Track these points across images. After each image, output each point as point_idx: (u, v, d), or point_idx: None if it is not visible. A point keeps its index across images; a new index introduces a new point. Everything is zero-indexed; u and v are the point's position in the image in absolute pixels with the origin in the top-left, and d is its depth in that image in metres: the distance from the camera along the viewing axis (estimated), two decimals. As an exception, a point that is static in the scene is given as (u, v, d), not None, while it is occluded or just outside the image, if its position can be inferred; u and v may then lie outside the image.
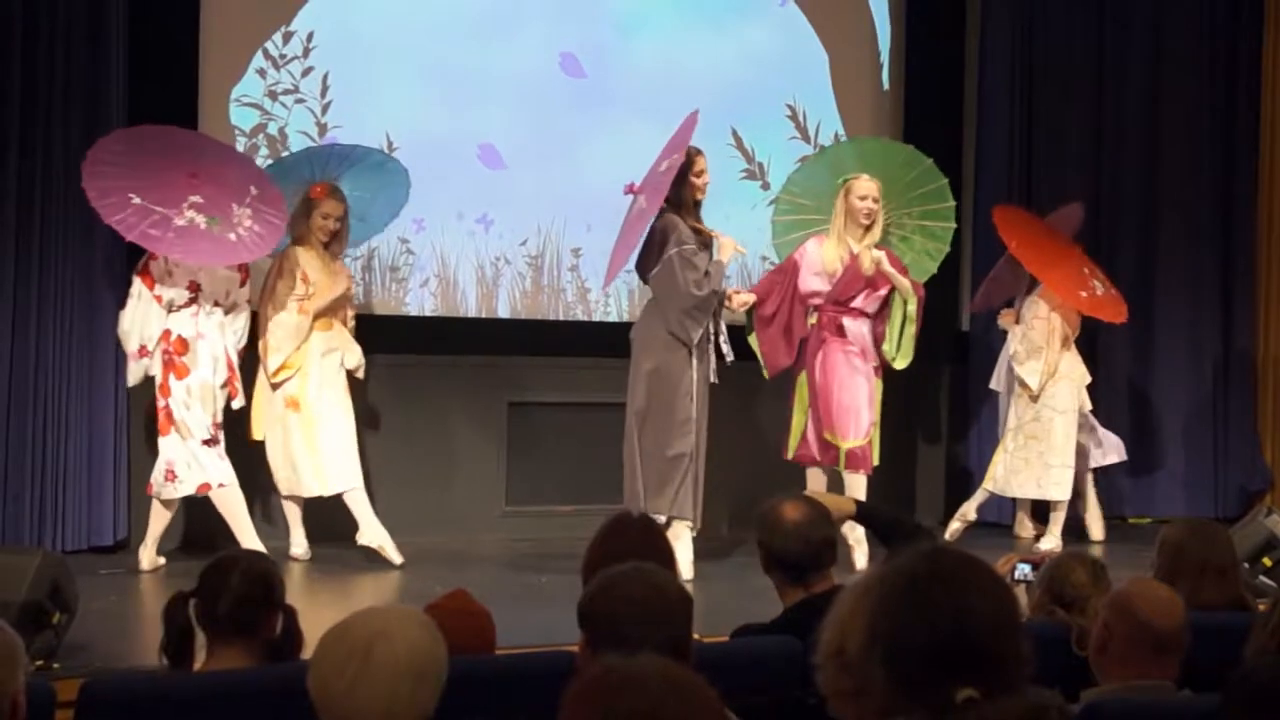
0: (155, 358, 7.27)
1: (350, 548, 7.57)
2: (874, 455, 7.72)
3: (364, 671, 2.58)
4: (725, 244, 7.46)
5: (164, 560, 7.36)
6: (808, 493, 6.76)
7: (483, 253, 8.69)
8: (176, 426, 7.22)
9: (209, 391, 7.28)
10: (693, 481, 7.25)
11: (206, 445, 7.25)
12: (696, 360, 7.28)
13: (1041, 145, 9.54)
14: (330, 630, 2.69)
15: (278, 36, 8.32)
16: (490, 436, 8.67)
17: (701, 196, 7.42)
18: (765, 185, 9.23)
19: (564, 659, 3.47)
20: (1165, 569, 4.26)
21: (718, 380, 7.38)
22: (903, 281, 7.67)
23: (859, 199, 7.68)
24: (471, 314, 8.75)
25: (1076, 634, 3.87)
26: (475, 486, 8.57)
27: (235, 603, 3.53)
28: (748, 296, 7.76)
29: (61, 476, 7.51)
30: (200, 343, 7.29)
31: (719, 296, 7.37)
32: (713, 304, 7.33)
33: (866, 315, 7.73)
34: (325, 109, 8.37)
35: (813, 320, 7.78)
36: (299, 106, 8.34)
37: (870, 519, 4.86)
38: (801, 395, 7.80)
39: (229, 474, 7.32)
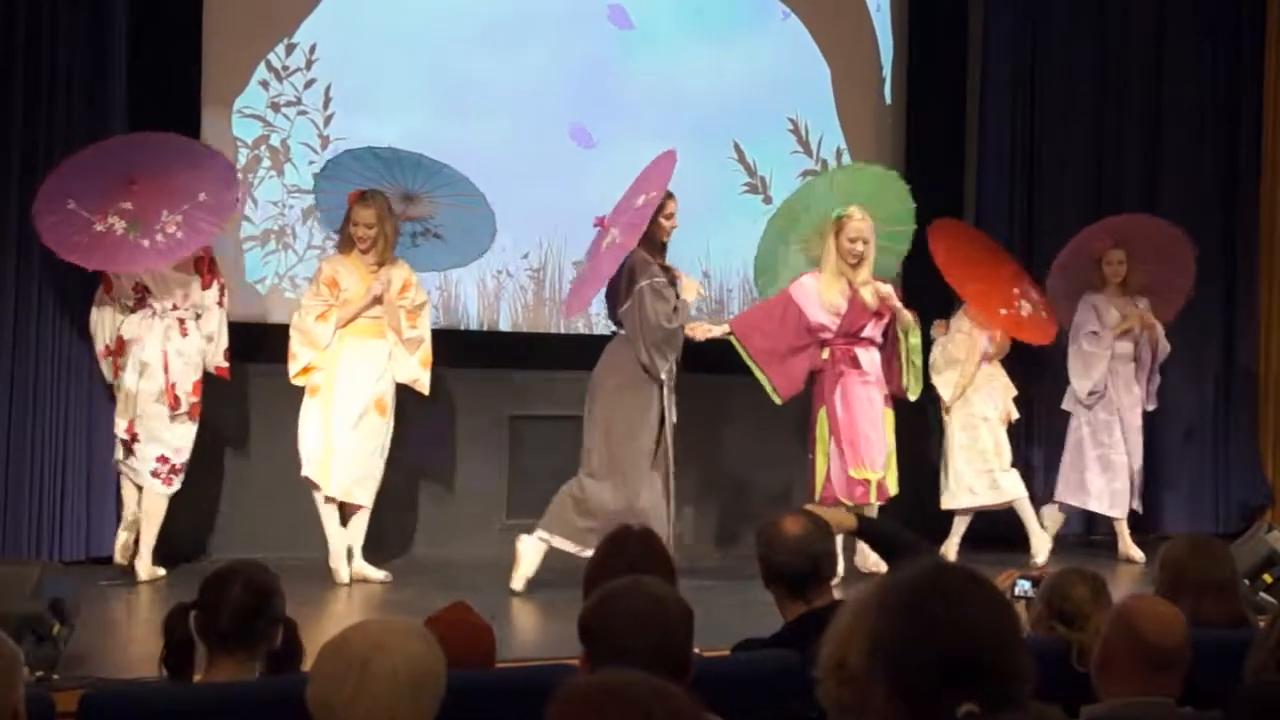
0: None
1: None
2: (892, 484, 7.77)
3: (363, 685, 2.57)
4: (688, 285, 7.56)
5: (163, 571, 7.37)
6: (808, 507, 6.78)
7: (484, 266, 8.68)
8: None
9: (128, 396, 7.30)
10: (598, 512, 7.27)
11: (124, 446, 7.32)
12: (666, 395, 7.36)
13: (1043, 158, 9.55)
14: (327, 644, 2.68)
15: (280, 48, 8.34)
16: (491, 449, 8.66)
17: (667, 239, 7.51)
18: (767, 199, 9.23)
19: (565, 673, 3.46)
20: (1166, 585, 4.26)
21: (675, 419, 7.43)
22: (905, 314, 7.75)
23: (849, 241, 7.71)
24: (473, 327, 8.75)
25: (1077, 650, 3.87)
26: (476, 499, 8.57)
27: (235, 615, 3.52)
28: (714, 329, 7.75)
29: (61, 488, 7.52)
30: (134, 346, 7.31)
31: (681, 335, 7.44)
32: (681, 338, 7.40)
33: (876, 344, 7.79)
34: (328, 121, 8.38)
35: (825, 354, 7.80)
36: (301, 118, 8.35)
37: (872, 534, 4.86)
38: (822, 434, 7.78)
39: (148, 481, 7.31)
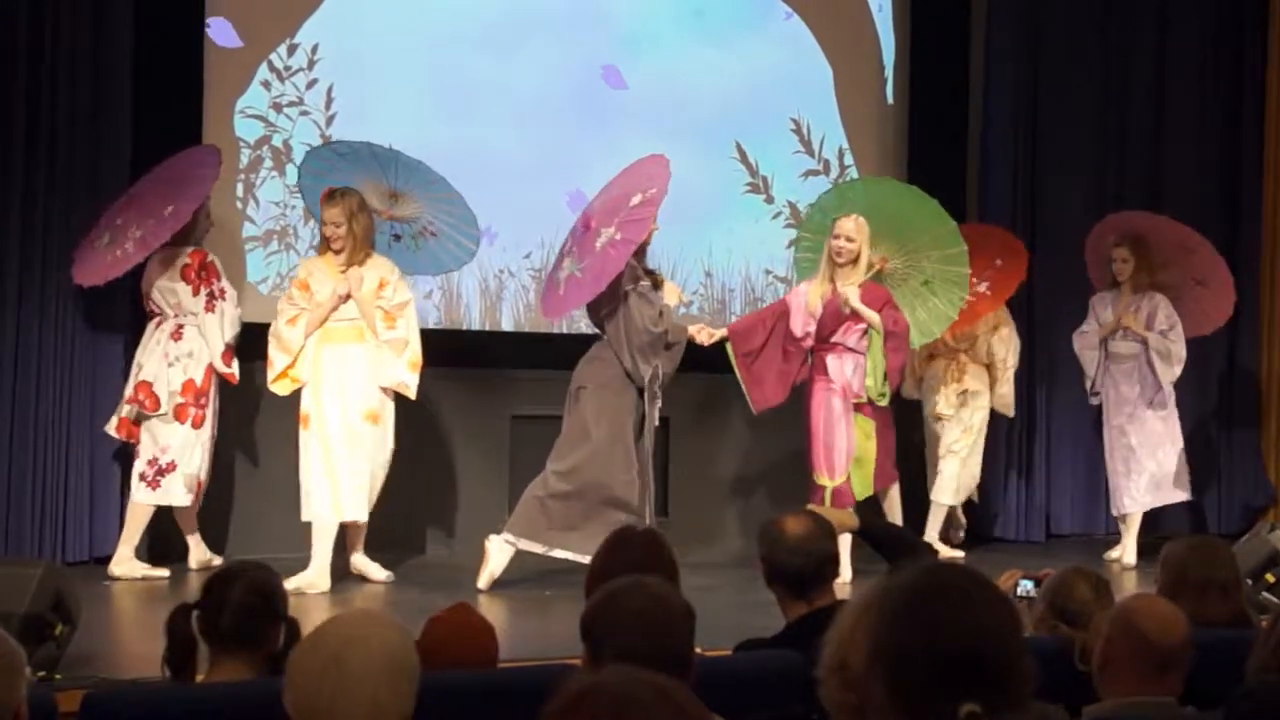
0: None
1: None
2: (859, 488, 7.70)
3: (342, 680, 2.55)
4: (671, 289, 7.58)
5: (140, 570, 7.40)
6: (810, 506, 6.78)
7: (486, 266, 8.70)
8: None
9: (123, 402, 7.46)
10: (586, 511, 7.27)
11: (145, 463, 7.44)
12: (647, 402, 7.37)
13: (1046, 158, 9.55)
14: (298, 647, 2.67)
15: (282, 49, 8.34)
16: (493, 449, 8.67)
17: (649, 242, 7.48)
18: (769, 199, 9.25)
19: (567, 672, 3.46)
20: (1168, 585, 4.26)
21: (658, 423, 7.46)
22: (872, 317, 7.61)
23: (834, 238, 7.67)
24: (475, 327, 8.76)
25: (1079, 649, 3.86)
26: (478, 499, 8.57)
27: (238, 615, 3.52)
28: (716, 332, 7.77)
29: (64, 488, 7.53)
30: (141, 354, 7.47)
31: (665, 340, 7.42)
32: (663, 343, 7.38)
33: (852, 350, 7.69)
34: (329, 121, 8.39)
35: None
36: (303, 119, 8.36)
37: (874, 535, 4.86)
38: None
39: (133, 483, 7.42)
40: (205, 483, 7.55)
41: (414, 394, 7.44)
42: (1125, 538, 8.69)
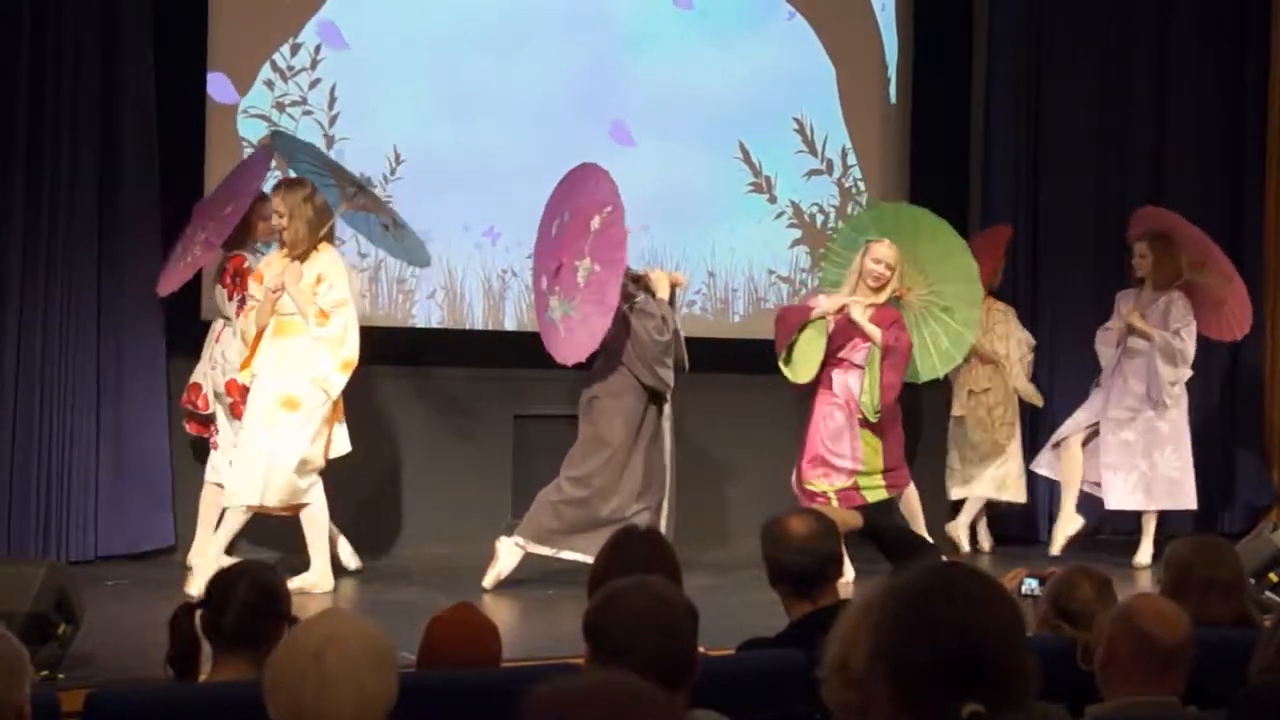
0: None
1: (364, 560, 7.60)
2: (869, 494, 7.63)
3: (323, 678, 2.55)
4: (659, 280, 7.51)
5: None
6: (814, 506, 6.78)
7: (489, 265, 8.70)
8: None
9: None
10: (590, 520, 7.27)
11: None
12: (666, 412, 7.43)
13: (1048, 158, 9.55)
14: (273, 657, 2.65)
15: (285, 48, 8.34)
16: (496, 449, 8.66)
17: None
18: (772, 199, 9.25)
19: (567, 673, 3.46)
20: (1171, 585, 4.26)
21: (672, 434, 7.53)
22: (873, 331, 7.60)
23: (873, 261, 7.66)
24: (478, 326, 8.76)
25: (1082, 649, 3.86)
26: (481, 499, 8.57)
27: (241, 614, 3.52)
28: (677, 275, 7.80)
29: (68, 488, 7.52)
30: None
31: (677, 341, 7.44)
32: (674, 347, 7.39)
33: (858, 367, 7.67)
34: (332, 121, 8.39)
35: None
36: (306, 118, 8.36)
37: (878, 534, 4.87)
38: None
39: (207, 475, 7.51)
40: None
41: (334, 394, 7.11)
42: (1143, 539, 8.69)
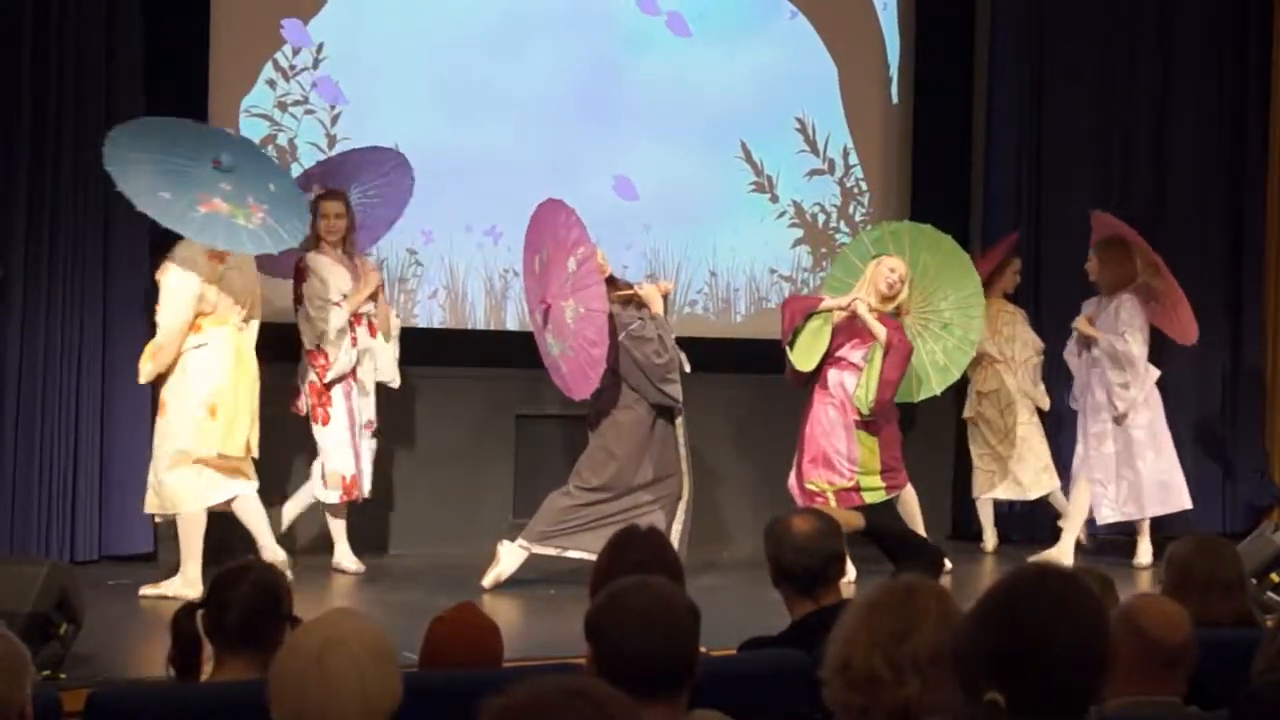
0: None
1: (365, 559, 7.62)
2: (869, 494, 7.65)
3: (326, 680, 2.55)
4: (651, 294, 7.51)
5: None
6: (816, 506, 6.78)
7: (491, 265, 8.71)
8: None
9: None
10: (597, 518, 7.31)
11: None
12: (680, 426, 7.48)
13: (1051, 159, 9.54)
14: (274, 663, 2.66)
15: (287, 48, 8.34)
16: (498, 449, 8.67)
17: (610, 272, 7.44)
18: (774, 198, 9.25)
19: (571, 672, 3.46)
20: (1172, 585, 4.26)
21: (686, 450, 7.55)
22: (878, 327, 7.64)
23: (888, 269, 7.73)
24: (480, 326, 8.76)
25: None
26: (483, 499, 8.57)
27: (243, 614, 3.52)
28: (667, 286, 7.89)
29: (72, 487, 7.52)
30: None
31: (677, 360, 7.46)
32: (676, 364, 7.41)
33: (854, 366, 7.70)
34: (334, 120, 8.39)
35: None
36: (308, 118, 8.36)
37: (880, 535, 4.87)
38: None
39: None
40: (360, 482, 7.57)
41: (141, 380, 7.11)
42: (1140, 540, 8.67)
